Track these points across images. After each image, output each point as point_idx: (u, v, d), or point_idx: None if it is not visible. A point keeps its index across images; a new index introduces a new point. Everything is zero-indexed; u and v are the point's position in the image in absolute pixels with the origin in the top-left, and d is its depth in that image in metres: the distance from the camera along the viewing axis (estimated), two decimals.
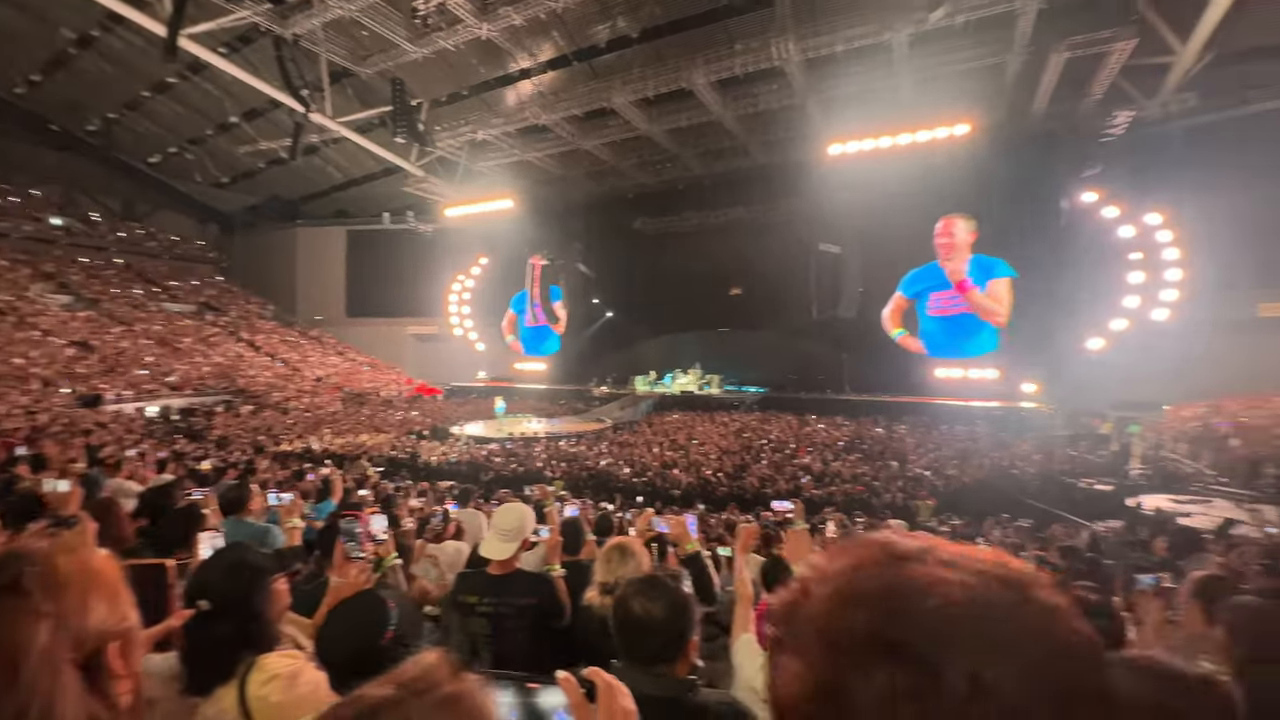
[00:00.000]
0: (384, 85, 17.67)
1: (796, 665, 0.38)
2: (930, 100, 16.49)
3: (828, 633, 0.37)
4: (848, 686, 0.35)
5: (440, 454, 15.45)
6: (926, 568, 0.38)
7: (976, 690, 0.33)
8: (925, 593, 0.36)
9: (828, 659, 0.37)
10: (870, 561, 0.39)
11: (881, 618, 0.36)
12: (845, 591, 0.38)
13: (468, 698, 0.55)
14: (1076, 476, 12.28)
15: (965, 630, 0.34)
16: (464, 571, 2.52)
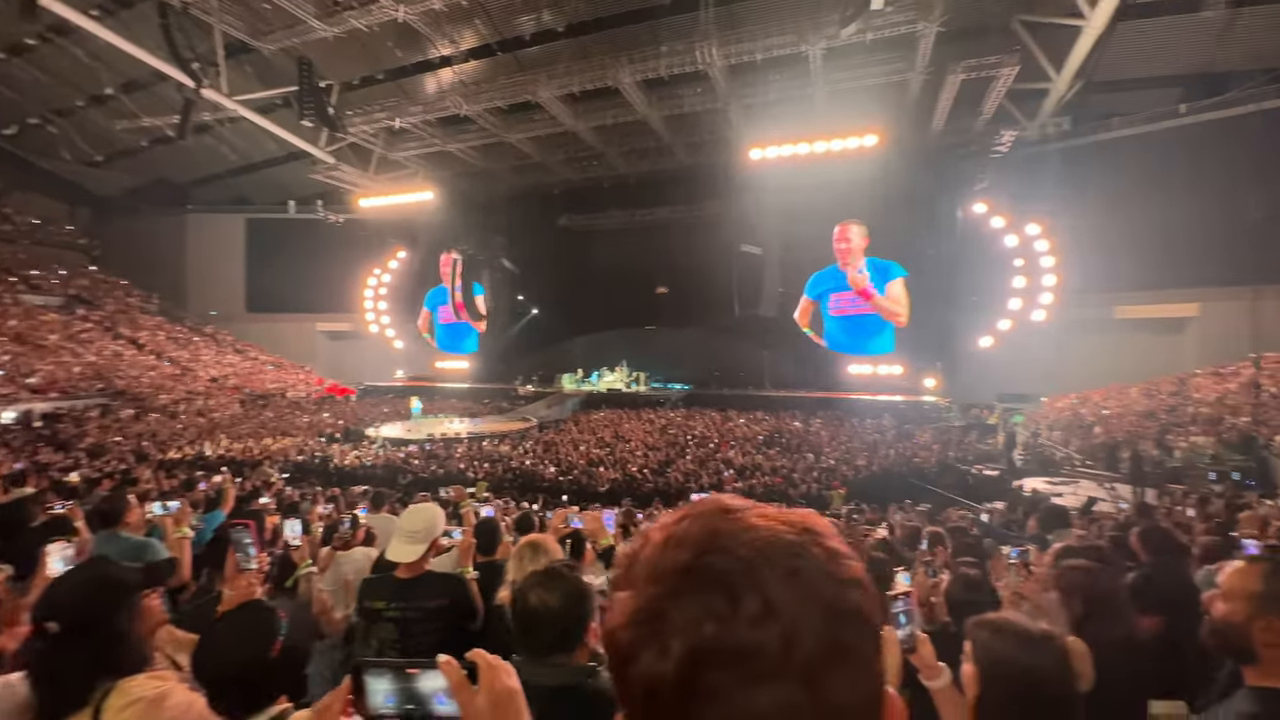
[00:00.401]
0: (289, 64, 16.48)
1: (626, 597, 0.44)
2: (843, 111, 17.47)
3: (655, 567, 0.43)
4: (665, 611, 0.41)
5: (354, 457, 14.64)
6: (743, 517, 0.44)
7: (767, 611, 0.39)
8: (736, 536, 0.43)
9: (651, 588, 0.42)
10: (700, 513, 0.46)
11: (698, 554, 0.42)
12: (674, 535, 0.45)
13: None
14: (969, 463, 13.41)
15: (762, 564, 0.41)
16: (369, 577, 2.40)
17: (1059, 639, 1.19)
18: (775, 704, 0.37)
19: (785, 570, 0.41)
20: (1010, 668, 1.15)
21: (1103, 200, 18.35)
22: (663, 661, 0.39)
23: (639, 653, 0.41)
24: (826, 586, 0.41)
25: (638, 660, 0.41)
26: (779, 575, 0.40)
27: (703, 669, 0.38)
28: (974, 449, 14.83)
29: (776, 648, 0.38)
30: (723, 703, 0.38)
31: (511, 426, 19.58)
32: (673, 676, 0.39)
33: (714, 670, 0.38)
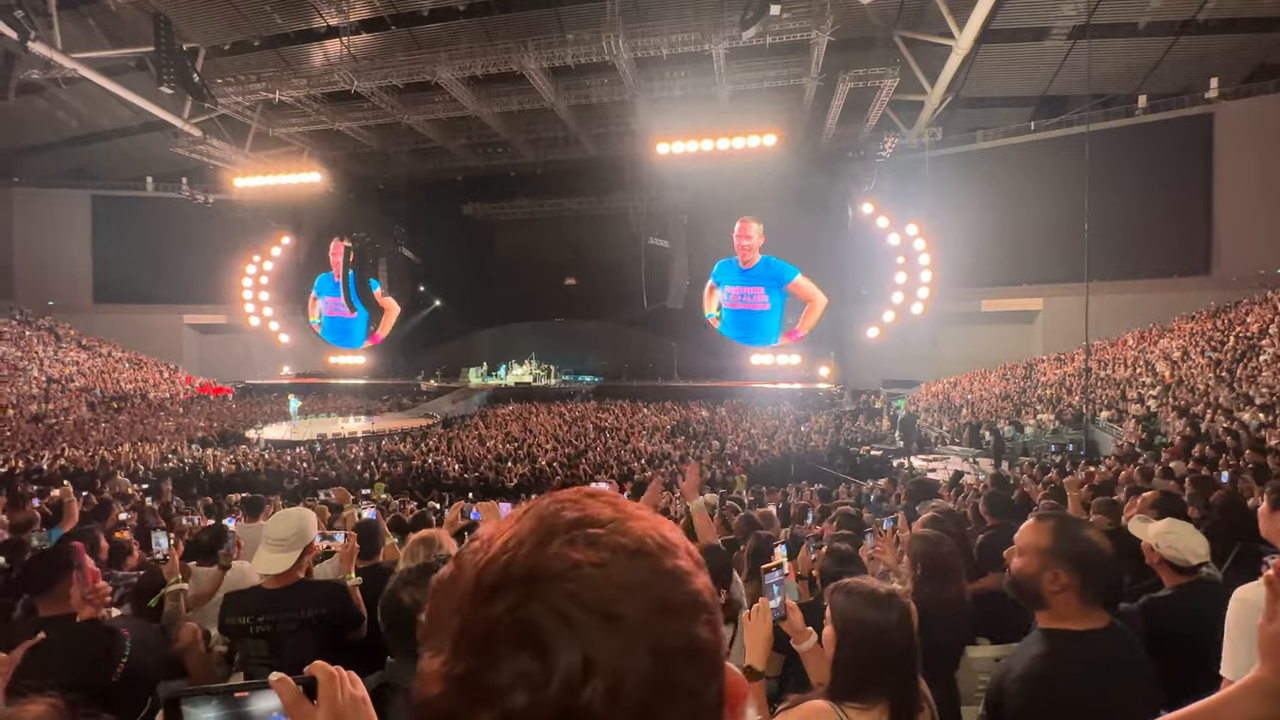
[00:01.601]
0: (144, 21, 14.55)
1: (436, 662, 0.37)
2: (745, 110, 18.17)
3: (466, 623, 0.37)
4: (478, 678, 0.35)
5: (229, 463, 13.33)
6: (571, 548, 0.38)
7: (586, 669, 0.34)
8: (557, 578, 0.36)
9: (461, 650, 0.36)
10: (520, 539, 0.39)
11: (512, 605, 0.36)
12: (489, 578, 0.38)
13: None
14: (858, 445, 14.51)
15: (582, 610, 0.35)
16: (232, 591, 2.20)
17: (900, 596, 1.32)
18: None
19: (605, 615, 0.35)
20: (861, 625, 1.26)
21: (968, 204, 20.42)
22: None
23: None
24: (654, 622, 0.36)
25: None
26: (598, 621, 0.35)
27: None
28: (862, 431, 16.05)
29: (601, 705, 0.34)
30: None
31: (413, 424, 18.69)
32: None
33: None
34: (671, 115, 18.42)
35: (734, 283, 7.22)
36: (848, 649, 1.29)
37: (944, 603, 1.95)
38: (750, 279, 6.83)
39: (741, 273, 6.87)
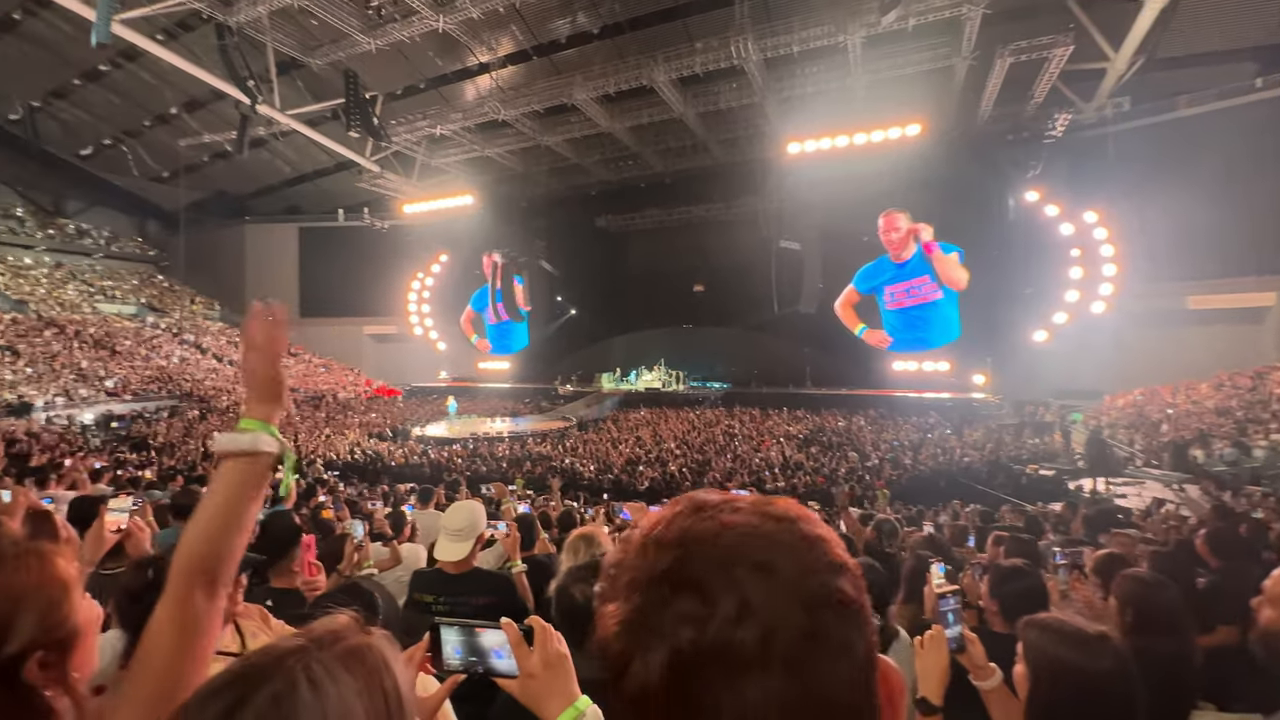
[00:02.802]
0: (336, 77, 17.13)
1: (612, 607, 0.44)
2: (885, 101, 16.99)
3: (636, 576, 0.43)
4: (648, 619, 0.41)
5: (400, 456, 15.11)
6: (717, 515, 0.44)
7: (743, 610, 0.39)
8: (710, 536, 0.43)
9: (634, 597, 0.42)
10: (675, 515, 0.46)
11: (676, 559, 0.42)
12: (652, 540, 0.45)
13: (372, 651, 0.57)
14: (1022, 463, 12.86)
15: (735, 563, 0.41)
16: (419, 570, 2.48)
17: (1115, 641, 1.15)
18: (763, 698, 0.38)
19: (758, 566, 0.41)
20: (1061, 668, 1.11)
21: (1168, 183, 17.28)
22: (649, 671, 0.39)
23: (629, 664, 0.41)
24: (803, 577, 0.41)
25: (628, 672, 0.41)
26: (753, 572, 0.40)
27: (685, 674, 0.39)
28: (1028, 448, 14.21)
29: (755, 645, 0.38)
30: (709, 704, 0.38)
31: (551, 425, 19.85)
32: (657, 685, 0.39)
33: (696, 674, 0.38)
34: (803, 113, 17.80)
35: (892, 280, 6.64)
36: (1043, 694, 1.14)
37: (1161, 659, 1.62)
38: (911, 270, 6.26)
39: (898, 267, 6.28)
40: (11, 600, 0.65)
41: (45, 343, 21.57)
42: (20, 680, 0.64)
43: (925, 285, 7.97)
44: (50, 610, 0.67)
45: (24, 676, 0.64)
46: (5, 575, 0.66)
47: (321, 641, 0.56)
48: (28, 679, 0.65)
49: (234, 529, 0.83)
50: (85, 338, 23.06)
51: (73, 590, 0.71)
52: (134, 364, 22.62)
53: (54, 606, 0.68)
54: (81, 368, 20.74)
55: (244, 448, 0.84)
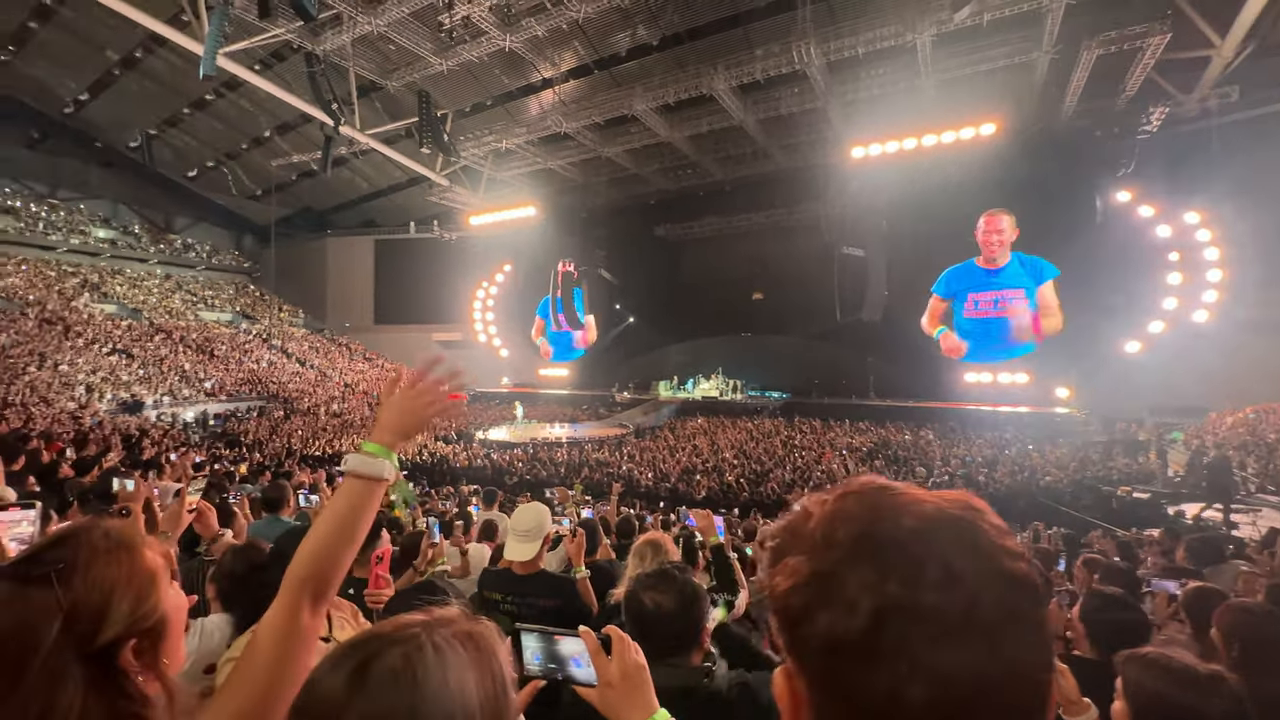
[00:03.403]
0: (410, 97, 18.10)
1: (797, 561, 0.46)
2: (956, 100, 16.27)
3: (827, 536, 0.46)
4: (842, 575, 0.43)
5: (464, 458, 15.65)
6: (905, 492, 0.47)
7: (949, 577, 0.41)
8: (903, 508, 0.45)
9: (826, 554, 0.45)
10: (860, 489, 0.49)
11: (869, 523, 0.45)
12: (840, 507, 0.47)
13: (485, 636, 0.62)
14: (1113, 484, 11.88)
15: (936, 534, 0.43)
16: (489, 568, 2.56)
17: (1230, 683, 1.05)
18: (958, 663, 0.39)
19: (961, 539, 0.43)
20: (1167, 708, 1.03)
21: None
22: (850, 618, 0.41)
23: (815, 613, 0.43)
24: (1000, 557, 0.43)
25: (814, 620, 0.43)
26: (955, 544, 0.42)
27: (890, 626, 0.40)
28: (1120, 468, 13.13)
29: (959, 611, 0.40)
30: (907, 659, 0.40)
31: (609, 432, 20.03)
32: (858, 633, 0.41)
33: (900, 628, 0.40)
34: (868, 116, 17.30)
35: (980, 287, 6.18)
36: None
37: (1274, 700, 1.47)
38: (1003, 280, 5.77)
39: (988, 275, 5.82)
40: (105, 591, 0.67)
41: (155, 347, 23.77)
42: (116, 667, 0.67)
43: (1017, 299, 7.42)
44: (141, 600, 0.70)
45: (119, 663, 0.67)
46: (98, 567, 0.68)
47: (439, 621, 0.61)
48: (123, 666, 0.68)
49: (346, 546, 0.90)
50: (188, 342, 25.26)
51: (161, 580, 0.74)
52: (229, 367, 24.56)
53: (144, 596, 0.71)
54: (184, 370, 22.72)
55: (373, 472, 0.92)
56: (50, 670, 0.61)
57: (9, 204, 27.10)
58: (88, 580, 0.66)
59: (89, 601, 0.66)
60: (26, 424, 12.91)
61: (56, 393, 17.61)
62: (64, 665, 0.62)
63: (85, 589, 0.66)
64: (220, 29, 13.22)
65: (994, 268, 6.02)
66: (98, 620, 0.66)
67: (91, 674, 0.64)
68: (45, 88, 24.18)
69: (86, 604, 0.65)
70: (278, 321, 31.84)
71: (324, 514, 0.92)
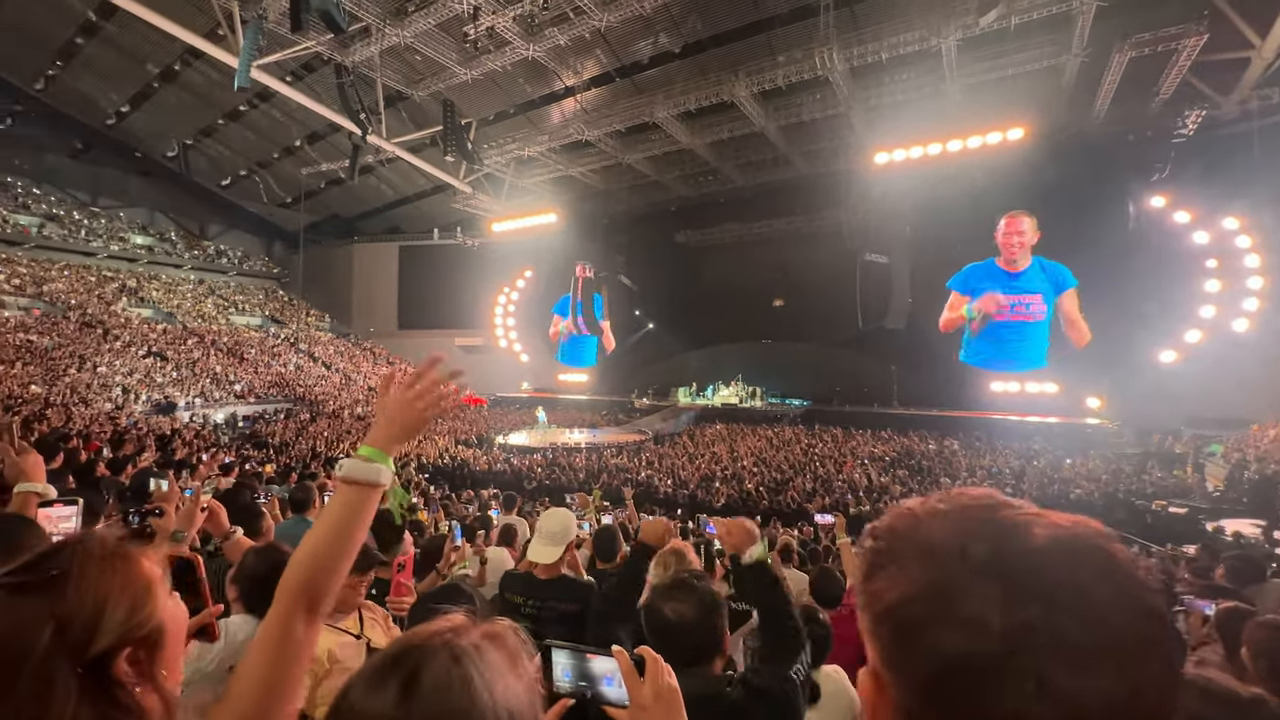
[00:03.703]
0: (435, 106, 18.42)
1: (911, 570, 0.45)
2: (982, 105, 16.04)
3: (947, 548, 0.44)
4: (968, 590, 0.42)
5: (484, 462, 15.78)
6: (1027, 511, 0.46)
7: (1085, 603, 0.40)
8: (1028, 527, 0.44)
9: (947, 567, 0.44)
10: (982, 502, 0.47)
11: (999, 541, 0.43)
12: (963, 522, 0.46)
13: (509, 636, 0.63)
14: (1147, 498, 11.52)
15: (1070, 559, 0.42)
16: (510, 571, 2.58)
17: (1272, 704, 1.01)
18: (1089, 689, 0.39)
19: (1096, 565, 0.42)
20: None
21: None
22: (978, 638, 0.40)
23: (935, 628, 0.42)
24: (1139, 589, 0.42)
25: (933, 635, 0.42)
26: (1091, 569, 0.41)
27: (1022, 648, 0.39)
28: (1155, 482, 12.72)
29: (1095, 637, 0.39)
30: (1035, 680, 0.39)
31: (628, 438, 20.03)
32: (986, 654, 0.40)
33: (1032, 651, 0.39)
34: (892, 122, 17.13)
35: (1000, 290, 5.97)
36: None
37: None
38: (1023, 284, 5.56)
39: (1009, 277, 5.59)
40: (98, 600, 0.66)
41: (188, 350, 24.46)
42: (110, 677, 0.65)
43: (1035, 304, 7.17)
44: (135, 609, 0.68)
45: (113, 673, 0.66)
46: (92, 576, 0.67)
47: (461, 627, 0.61)
48: (117, 675, 0.66)
49: (341, 556, 0.87)
50: (219, 346, 25.94)
51: (157, 590, 0.72)
52: (258, 370, 25.16)
53: (139, 605, 0.69)
54: (215, 372, 23.33)
55: (368, 478, 0.90)
56: (42, 679, 0.60)
57: (54, 212, 28.21)
58: (81, 589, 0.65)
59: (82, 610, 0.65)
60: (66, 423, 13.37)
61: (95, 393, 18.21)
62: (56, 674, 0.61)
63: (78, 597, 0.65)
64: (254, 42, 13.63)
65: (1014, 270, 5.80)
66: (91, 629, 0.64)
67: (85, 684, 0.63)
68: (89, 100, 25.15)
69: (79, 612, 0.64)
70: (305, 326, 32.54)
71: (318, 521, 0.90)
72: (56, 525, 1.63)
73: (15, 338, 19.85)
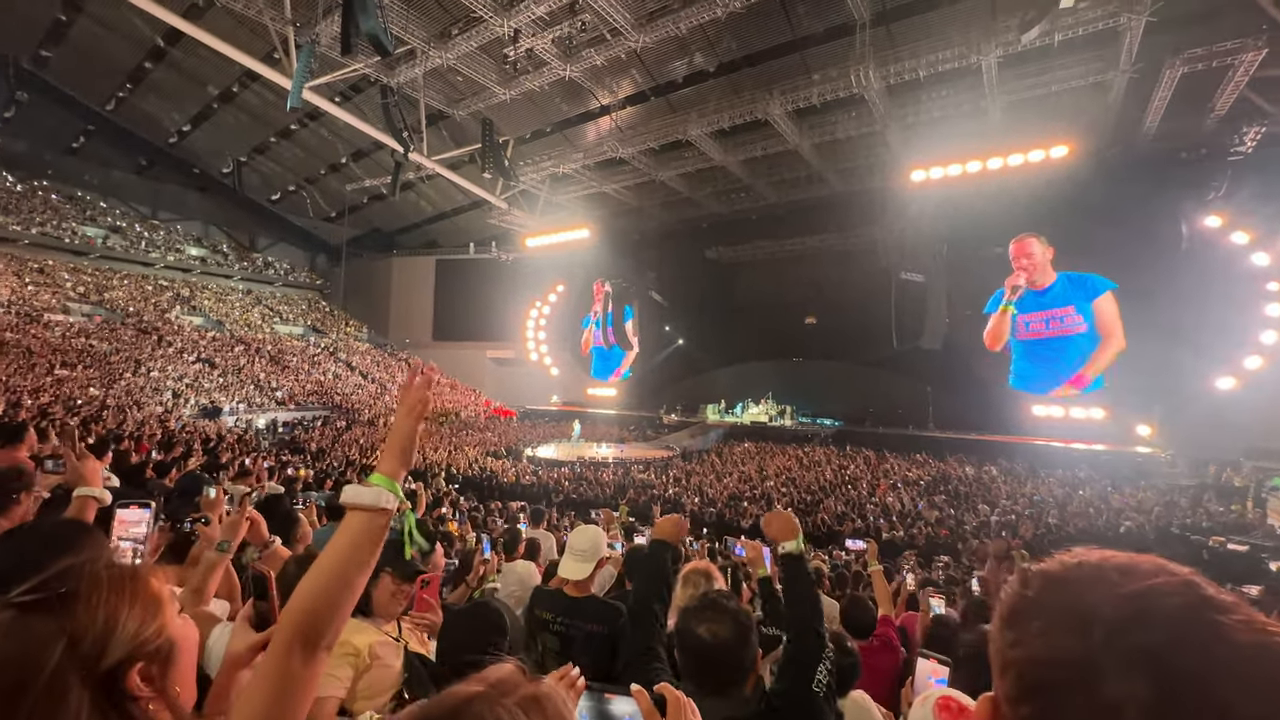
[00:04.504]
0: (474, 125, 18.95)
1: (1062, 637, 0.42)
2: (1024, 121, 15.70)
3: (1112, 626, 0.40)
4: (1104, 671, 0.39)
5: (511, 474, 15.90)
6: (1227, 624, 0.40)
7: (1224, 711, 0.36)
8: (1218, 644, 0.38)
9: (1101, 646, 0.40)
10: (1175, 590, 0.42)
11: (1168, 643, 0.39)
12: (1142, 602, 0.41)
13: (552, 698, 0.59)
14: (1203, 533, 10.88)
15: (1257, 681, 0.37)
16: (540, 588, 2.58)
17: None
18: None
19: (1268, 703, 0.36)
20: None
21: None
22: None
23: (1070, 698, 0.40)
24: None
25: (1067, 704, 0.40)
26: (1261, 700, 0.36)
27: None
28: (1212, 516, 12.03)
29: None
30: None
31: (655, 454, 19.95)
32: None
33: None
34: (929, 139, 16.89)
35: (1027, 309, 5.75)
36: None
37: None
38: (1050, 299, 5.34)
39: (1035, 295, 5.42)
40: (109, 615, 0.67)
41: (235, 357, 25.45)
42: (122, 691, 0.66)
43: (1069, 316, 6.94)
44: (146, 624, 0.69)
45: (125, 688, 0.66)
46: (102, 593, 0.68)
47: (501, 687, 0.58)
48: (129, 689, 0.67)
49: (345, 590, 0.85)
50: (264, 354, 26.92)
51: (167, 607, 0.73)
52: (299, 378, 25.99)
53: (149, 620, 0.70)
54: (259, 379, 24.18)
55: (368, 503, 0.89)
56: (53, 694, 0.61)
57: (117, 224, 29.90)
58: (90, 606, 0.67)
59: (92, 626, 0.66)
60: (120, 425, 14.02)
61: (147, 397, 19.06)
62: (68, 689, 0.62)
63: (88, 614, 0.66)
64: (307, 65, 14.28)
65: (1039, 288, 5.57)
66: (102, 644, 0.65)
67: (96, 699, 0.64)
68: (154, 120, 26.70)
69: (90, 628, 0.65)
70: (344, 336, 33.53)
71: (323, 556, 0.87)
72: (128, 530, 1.69)
73: (78, 342, 20.98)
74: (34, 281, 24.12)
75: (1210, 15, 12.83)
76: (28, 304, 22.36)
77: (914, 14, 14.46)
